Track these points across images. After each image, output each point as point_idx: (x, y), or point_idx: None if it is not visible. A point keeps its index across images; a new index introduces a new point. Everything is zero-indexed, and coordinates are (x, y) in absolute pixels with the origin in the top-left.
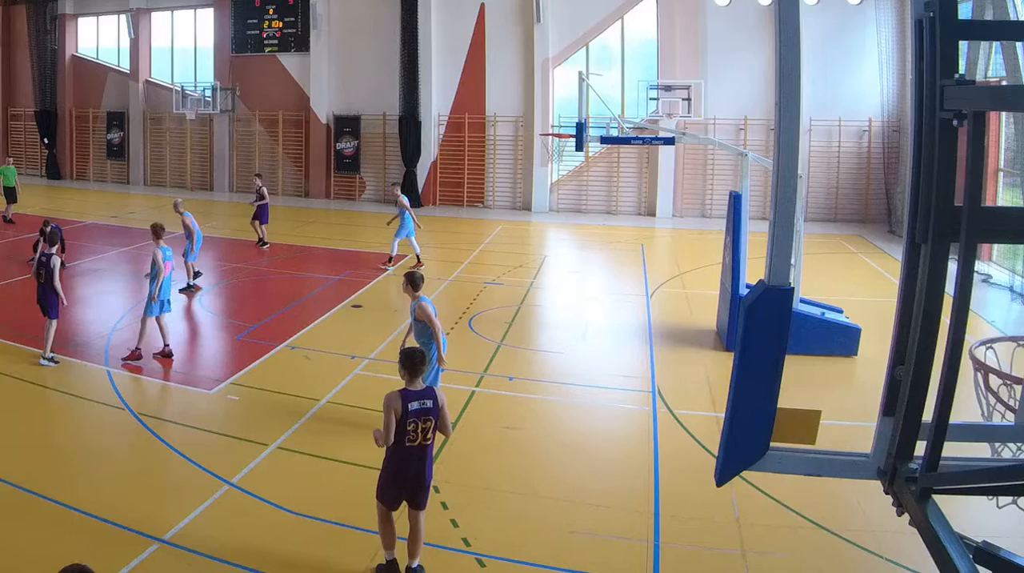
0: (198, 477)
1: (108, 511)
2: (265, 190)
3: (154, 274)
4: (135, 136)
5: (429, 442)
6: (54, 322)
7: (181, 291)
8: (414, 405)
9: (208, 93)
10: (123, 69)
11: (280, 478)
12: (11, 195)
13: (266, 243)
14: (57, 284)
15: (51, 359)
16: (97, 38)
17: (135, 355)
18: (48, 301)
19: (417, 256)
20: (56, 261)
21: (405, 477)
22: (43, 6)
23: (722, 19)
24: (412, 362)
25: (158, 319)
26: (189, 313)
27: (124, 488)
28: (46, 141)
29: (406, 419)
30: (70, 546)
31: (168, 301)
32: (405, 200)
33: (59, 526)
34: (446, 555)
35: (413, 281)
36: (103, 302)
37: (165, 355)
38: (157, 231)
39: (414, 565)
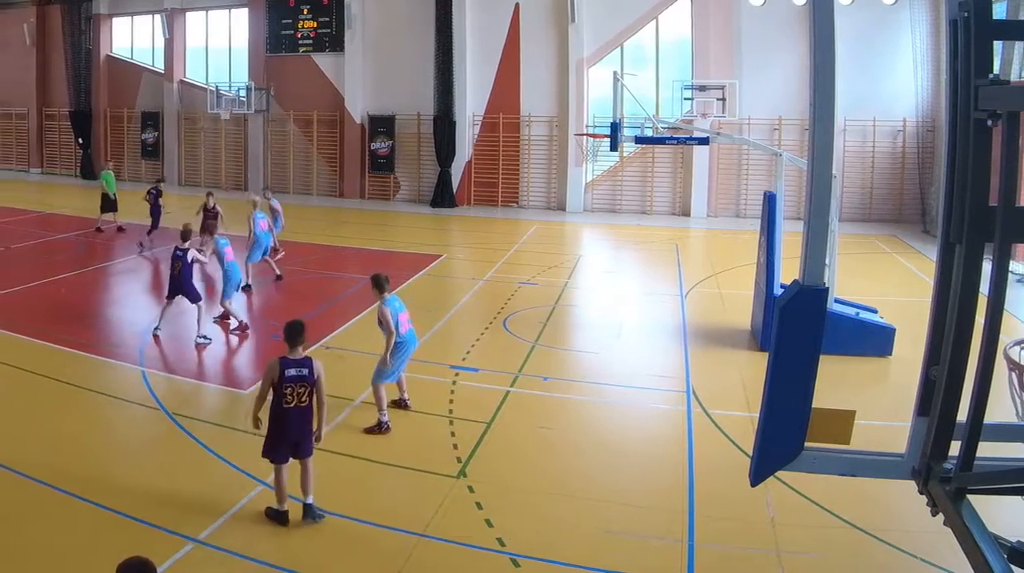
0: (233, 477)
1: (143, 511)
2: (219, 208)
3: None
4: (169, 136)
5: (305, 404)
6: (201, 304)
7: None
8: (291, 371)
9: (243, 93)
10: (158, 69)
11: (315, 478)
12: (110, 202)
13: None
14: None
15: (204, 337)
16: (131, 38)
17: (243, 326)
18: (188, 287)
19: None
20: (192, 254)
21: (286, 435)
22: (77, 6)
23: (756, 18)
24: (290, 333)
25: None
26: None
27: (159, 488)
28: (80, 141)
29: (283, 384)
30: (105, 545)
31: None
32: (277, 205)
33: (94, 526)
34: (480, 555)
35: (377, 283)
36: (138, 302)
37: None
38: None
39: (307, 501)
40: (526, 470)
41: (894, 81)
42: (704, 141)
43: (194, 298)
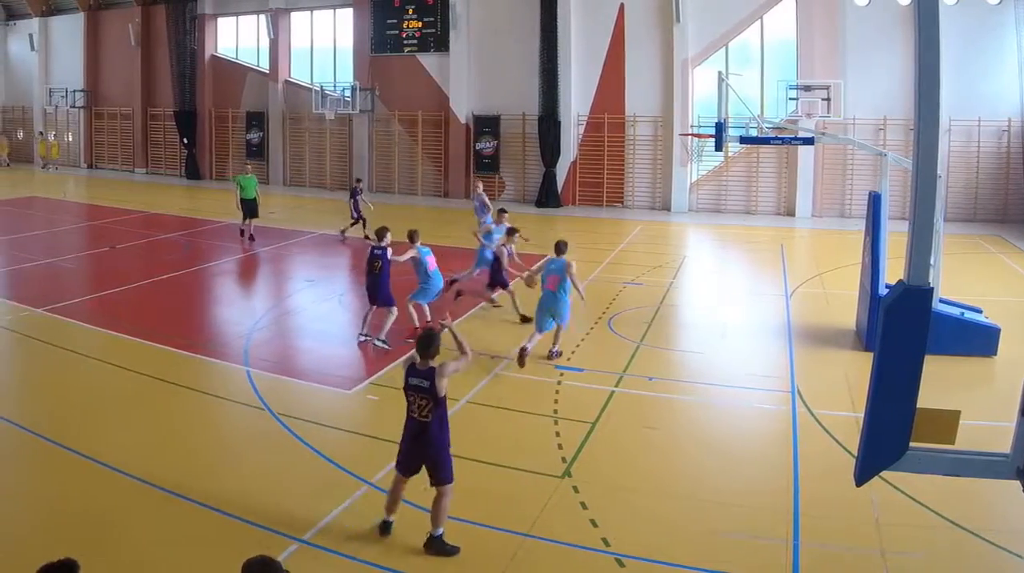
0: (338, 477)
1: (247, 510)
2: None
3: (423, 271)
4: (274, 136)
5: (427, 420)
6: (393, 309)
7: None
8: (412, 380)
9: (347, 93)
10: (262, 69)
11: (419, 478)
12: (250, 208)
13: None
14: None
15: (383, 341)
16: (236, 38)
17: (412, 331)
18: (383, 289)
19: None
20: (390, 253)
21: (411, 446)
22: (182, 6)
23: (861, 18)
24: (420, 342)
25: (418, 305)
26: (328, 313)
27: (263, 488)
28: (185, 141)
29: (406, 390)
30: (210, 545)
31: (435, 292)
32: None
33: (199, 525)
34: (585, 555)
35: (411, 236)
36: (242, 302)
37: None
38: (412, 237)
39: (433, 531)
40: (631, 470)
41: (999, 81)
42: (809, 141)
43: (387, 301)
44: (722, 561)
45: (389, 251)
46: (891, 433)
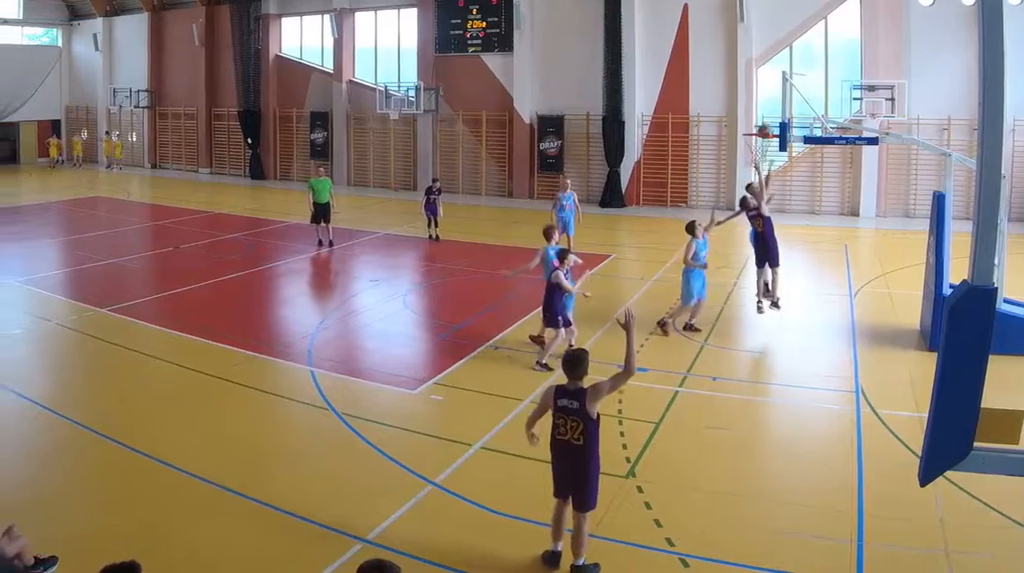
0: (401, 477)
1: (311, 510)
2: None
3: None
4: (338, 136)
5: (579, 443)
6: (560, 331)
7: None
8: (562, 401)
9: (411, 93)
10: (327, 69)
11: (483, 478)
12: (323, 212)
13: None
14: (567, 285)
15: (544, 365)
16: (300, 38)
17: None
18: (546, 309)
19: None
20: (560, 273)
21: (561, 470)
22: (246, 6)
23: (925, 18)
24: (568, 362)
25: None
26: (393, 313)
27: (327, 488)
28: (249, 141)
29: (555, 413)
30: (273, 545)
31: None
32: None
33: (263, 525)
34: (650, 555)
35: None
36: (306, 302)
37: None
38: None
39: (575, 561)
40: (695, 470)
41: None
42: (873, 141)
43: (552, 321)
44: (786, 561)
45: (562, 273)
46: (955, 433)
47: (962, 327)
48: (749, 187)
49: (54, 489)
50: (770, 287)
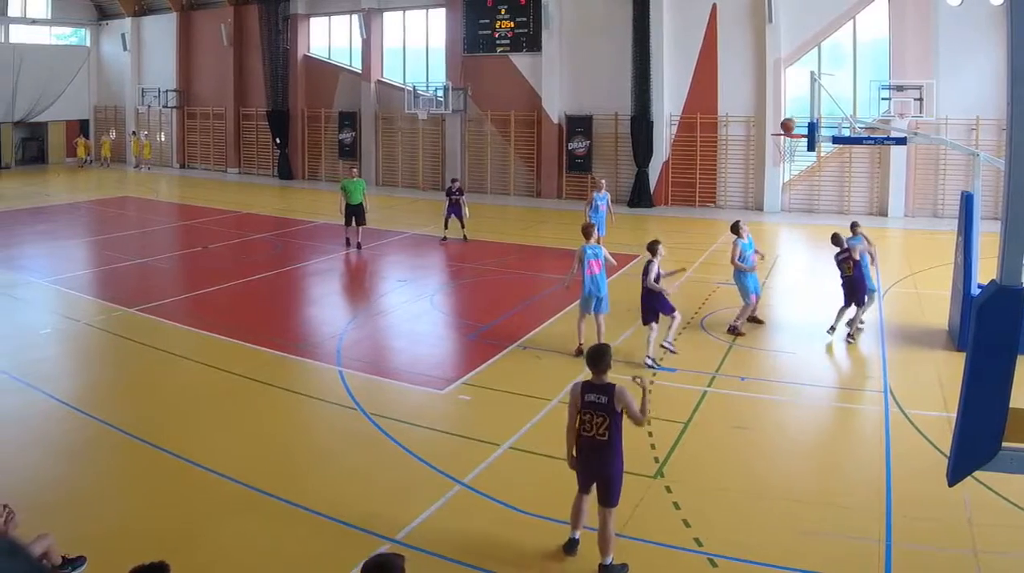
0: (430, 477)
1: (339, 510)
2: None
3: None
4: (367, 136)
5: (604, 438)
6: (674, 315)
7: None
8: (590, 397)
9: (440, 93)
10: (355, 69)
11: (512, 478)
12: (356, 214)
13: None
14: (655, 286)
15: (654, 360)
16: (329, 38)
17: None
18: (651, 306)
19: None
20: (655, 267)
21: (586, 465)
22: (275, 6)
23: (954, 18)
24: (592, 357)
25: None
26: (421, 313)
27: (355, 488)
28: (278, 141)
29: (582, 409)
30: (302, 545)
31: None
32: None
33: (292, 524)
34: (678, 555)
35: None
36: (335, 302)
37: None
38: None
39: (603, 560)
40: (723, 470)
41: None
42: (901, 141)
43: (668, 310)
44: (815, 561)
45: (654, 265)
46: (984, 433)
47: (990, 327)
48: (854, 226)
49: (83, 489)
50: (854, 320)
